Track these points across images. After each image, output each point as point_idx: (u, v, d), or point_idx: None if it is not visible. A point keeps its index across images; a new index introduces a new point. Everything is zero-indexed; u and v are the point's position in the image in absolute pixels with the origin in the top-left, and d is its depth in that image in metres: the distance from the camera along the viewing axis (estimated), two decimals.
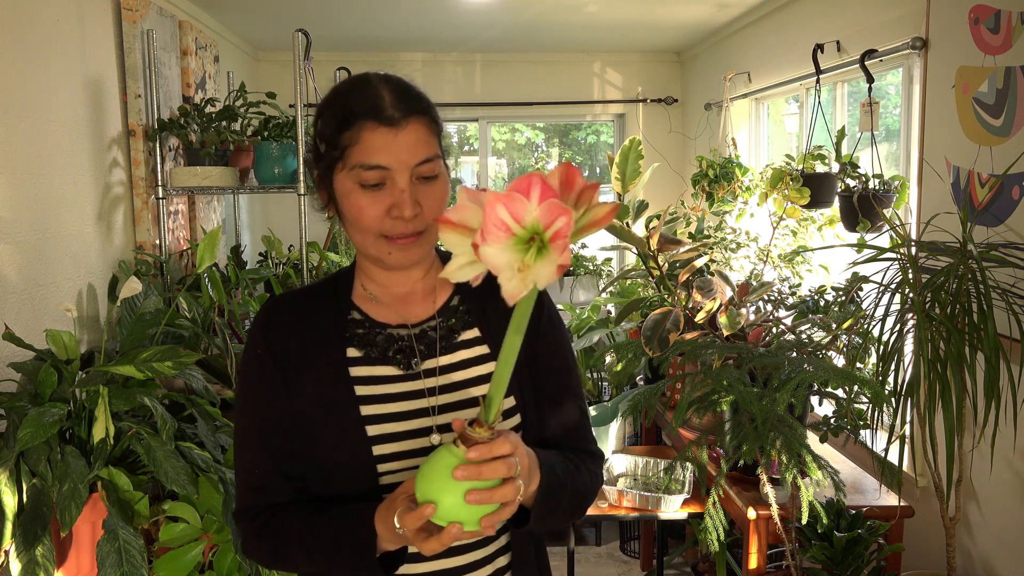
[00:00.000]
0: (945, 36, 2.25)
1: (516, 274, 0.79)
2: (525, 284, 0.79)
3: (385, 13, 3.69)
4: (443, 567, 1.12)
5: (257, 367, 1.15)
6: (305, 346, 1.14)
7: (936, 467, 1.89)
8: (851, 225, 2.60)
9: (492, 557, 1.16)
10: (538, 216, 0.78)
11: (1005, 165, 2.01)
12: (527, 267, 0.78)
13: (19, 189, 2.06)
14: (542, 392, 1.18)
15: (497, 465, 0.89)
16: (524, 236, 0.79)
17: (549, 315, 1.23)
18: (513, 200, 0.78)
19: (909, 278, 1.80)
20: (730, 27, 3.99)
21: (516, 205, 0.78)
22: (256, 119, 2.86)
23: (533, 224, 0.78)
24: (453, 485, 0.88)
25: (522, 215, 0.78)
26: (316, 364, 1.13)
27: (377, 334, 1.15)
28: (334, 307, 1.17)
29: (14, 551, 1.67)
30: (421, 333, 1.16)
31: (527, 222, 0.78)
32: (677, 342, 2.14)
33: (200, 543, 1.95)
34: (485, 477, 0.89)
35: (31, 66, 2.14)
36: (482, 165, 5.12)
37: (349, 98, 1.09)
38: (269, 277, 2.86)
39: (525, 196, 0.78)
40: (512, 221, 0.78)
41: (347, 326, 1.15)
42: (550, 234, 0.78)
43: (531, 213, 0.78)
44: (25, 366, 1.94)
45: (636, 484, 2.68)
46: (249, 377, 1.16)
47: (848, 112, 3.22)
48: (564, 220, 0.77)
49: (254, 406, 1.15)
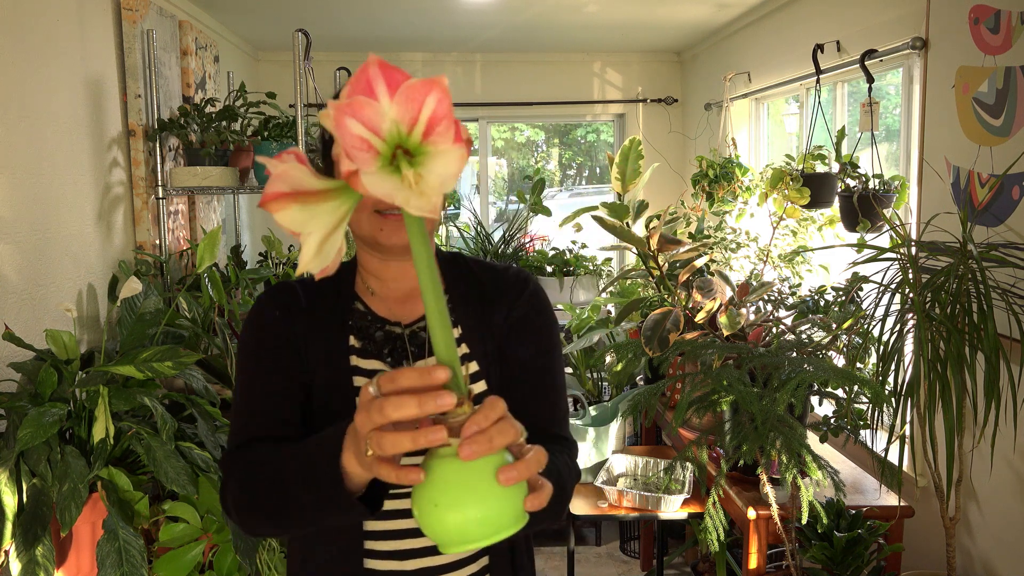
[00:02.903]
0: (945, 36, 2.25)
1: (412, 189, 0.62)
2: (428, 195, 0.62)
3: (385, 13, 3.69)
4: (424, 565, 1.12)
5: (269, 324, 1.12)
6: (312, 325, 1.13)
7: (936, 467, 1.89)
8: (851, 225, 2.60)
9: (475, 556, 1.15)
10: (395, 115, 0.61)
11: (1005, 165, 2.01)
12: (419, 176, 0.62)
13: (19, 189, 2.06)
14: (515, 376, 1.15)
15: (504, 426, 0.71)
16: (387, 151, 0.62)
17: (528, 299, 1.19)
18: (360, 107, 0.60)
19: (909, 278, 1.80)
20: (730, 27, 3.99)
21: (366, 111, 0.60)
22: (256, 119, 2.87)
23: (392, 129, 0.61)
24: (487, 489, 0.69)
25: (376, 122, 0.61)
26: (321, 344, 1.13)
27: (377, 329, 1.15)
28: (338, 296, 1.17)
29: (14, 551, 1.67)
30: (412, 334, 1.16)
31: (384, 129, 0.61)
32: (677, 342, 2.14)
33: (200, 543, 1.95)
34: (497, 446, 0.70)
35: (31, 66, 2.14)
36: (482, 165, 5.12)
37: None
38: (269, 277, 2.86)
39: (370, 96, 0.60)
40: (369, 134, 0.61)
41: (350, 315, 1.15)
42: (421, 128, 0.61)
43: (387, 115, 0.61)
44: (25, 366, 1.94)
45: (636, 484, 2.68)
46: (257, 330, 1.13)
47: (848, 112, 3.22)
48: (434, 98, 0.60)
49: (259, 355, 1.11)
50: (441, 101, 0.61)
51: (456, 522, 0.68)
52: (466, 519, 0.68)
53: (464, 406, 0.71)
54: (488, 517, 0.68)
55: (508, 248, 4.57)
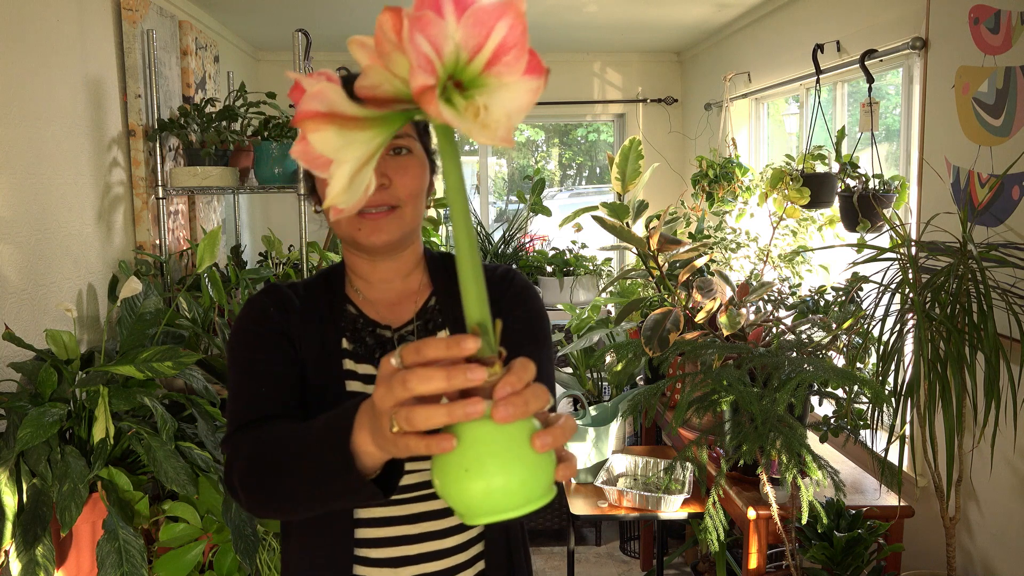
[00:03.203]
0: (945, 36, 2.25)
1: (475, 121, 0.56)
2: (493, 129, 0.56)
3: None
4: (423, 571, 1.11)
5: (264, 321, 1.10)
6: (306, 325, 1.12)
7: (936, 467, 1.89)
8: (851, 225, 2.60)
9: (471, 561, 1.14)
10: (460, 39, 0.55)
11: (1005, 165, 2.01)
12: (483, 107, 0.56)
13: (19, 189, 2.06)
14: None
15: (537, 389, 0.65)
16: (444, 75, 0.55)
17: (512, 297, 1.17)
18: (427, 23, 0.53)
19: (909, 278, 1.80)
20: (730, 27, 3.99)
21: (432, 29, 0.54)
22: (256, 119, 2.87)
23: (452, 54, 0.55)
24: (512, 455, 0.63)
25: (441, 43, 0.54)
26: (314, 344, 1.11)
27: (369, 332, 1.14)
28: (330, 298, 1.16)
29: (14, 551, 1.67)
30: (402, 337, 1.15)
31: (447, 53, 0.55)
32: (677, 342, 2.14)
33: (200, 543, 1.95)
34: (532, 409, 0.64)
35: (31, 66, 2.14)
36: (482, 165, 5.12)
37: None
38: (269, 277, 2.86)
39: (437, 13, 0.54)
40: (433, 53, 0.54)
41: (342, 317, 1.15)
42: (486, 56, 0.55)
43: (451, 37, 0.55)
44: (25, 366, 1.94)
45: (636, 484, 2.68)
46: (252, 323, 1.10)
47: (848, 112, 3.22)
48: (506, 23, 0.54)
49: (256, 346, 1.09)
50: (513, 27, 0.55)
51: (487, 490, 0.62)
52: (499, 486, 0.62)
53: (495, 366, 0.64)
54: (521, 485, 0.63)
55: (508, 248, 4.57)
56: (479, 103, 0.56)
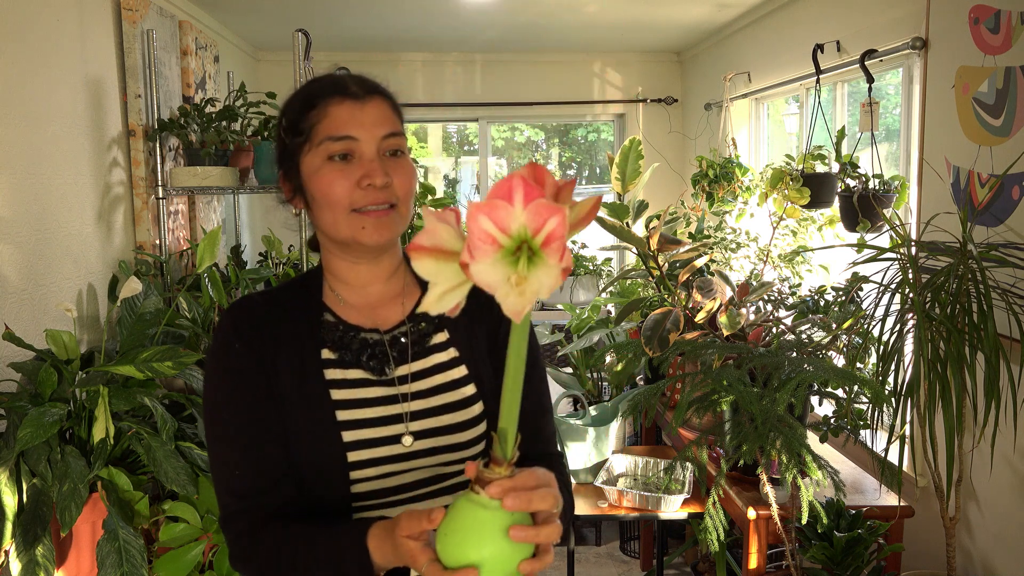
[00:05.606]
0: (945, 36, 2.25)
1: (513, 289, 0.70)
2: (526, 297, 0.70)
3: (385, 13, 3.69)
4: None
5: (234, 361, 1.09)
6: (279, 344, 1.10)
7: (936, 467, 1.89)
8: (851, 225, 2.60)
9: None
10: (525, 221, 0.69)
11: (1005, 165, 2.01)
12: (523, 279, 0.70)
13: (19, 189, 2.06)
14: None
15: (544, 494, 0.82)
16: (511, 246, 0.70)
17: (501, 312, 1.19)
18: (496, 208, 0.69)
19: (909, 278, 1.80)
20: (730, 27, 3.99)
21: (500, 213, 0.69)
22: (256, 119, 2.87)
23: (520, 231, 0.70)
24: (492, 540, 0.79)
25: (507, 223, 0.69)
26: (292, 362, 1.10)
27: (352, 338, 1.13)
28: (305, 308, 1.14)
29: (14, 551, 1.68)
30: (393, 339, 1.14)
31: (513, 230, 0.69)
32: (677, 342, 2.14)
33: (200, 543, 1.95)
34: (534, 507, 0.82)
35: (31, 66, 2.14)
36: (482, 165, 5.12)
37: (311, 86, 1.13)
38: (269, 277, 2.86)
39: (507, 201, 0.69)
40: (497, 231, 0.69)
41: (320, 327, 1.13)
42: (542, 238, 0.69)
43: (517, 219, 0.69)
44: (25, 366, 1.94)
45: (636, 484, 2.68)
46: (224, 374, 1.10)
47: (848, 112, 3.22)
48: (556, 220, 0.69)
49: (232, 403, 1.08)
50: (561, 224, 0.69)
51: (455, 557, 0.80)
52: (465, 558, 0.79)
53: (503, 468, 0.82)
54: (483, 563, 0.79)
55: None
56: (524, 275, 0.70)
